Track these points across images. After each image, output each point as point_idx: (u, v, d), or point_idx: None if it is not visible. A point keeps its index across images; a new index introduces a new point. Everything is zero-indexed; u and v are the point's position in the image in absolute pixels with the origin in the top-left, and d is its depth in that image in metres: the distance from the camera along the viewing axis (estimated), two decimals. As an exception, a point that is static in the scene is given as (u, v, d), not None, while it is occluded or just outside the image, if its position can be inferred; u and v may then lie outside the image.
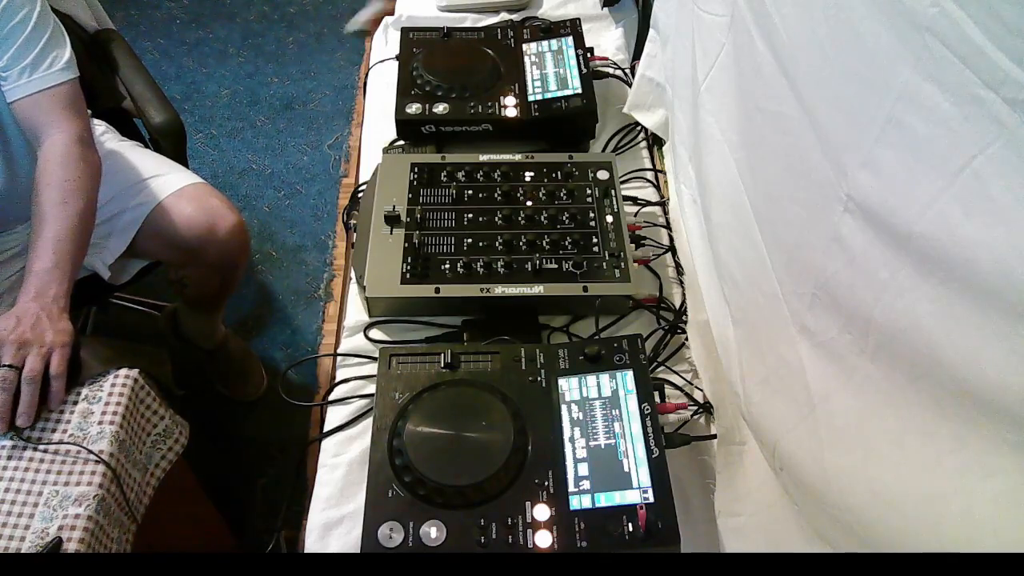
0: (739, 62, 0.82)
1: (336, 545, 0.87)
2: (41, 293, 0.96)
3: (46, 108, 1.08)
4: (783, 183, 0.72)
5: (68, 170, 1.05)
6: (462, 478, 0.82)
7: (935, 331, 0.50)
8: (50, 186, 1.04)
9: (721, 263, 0.91)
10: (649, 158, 1.32)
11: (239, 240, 1.28)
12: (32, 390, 0.89)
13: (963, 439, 0.49)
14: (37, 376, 0.90)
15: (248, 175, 2.22)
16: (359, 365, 1.03)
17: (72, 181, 1.05)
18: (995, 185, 0.44)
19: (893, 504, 0.56)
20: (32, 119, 1.08)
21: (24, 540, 0.82)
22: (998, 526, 0.46)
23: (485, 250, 1.05)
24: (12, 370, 0.89)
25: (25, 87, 1.07)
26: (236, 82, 2.50)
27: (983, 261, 0.45)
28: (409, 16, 1.54)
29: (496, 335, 1.01)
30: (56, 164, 1.05)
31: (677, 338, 1.06)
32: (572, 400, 0.89)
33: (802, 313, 0.68)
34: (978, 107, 0.44)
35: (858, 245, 0.58)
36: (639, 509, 0.78)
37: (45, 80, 1.08)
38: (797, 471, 0.71)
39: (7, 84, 1.07)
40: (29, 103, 1.08)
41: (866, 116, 0.55)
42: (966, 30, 0.44)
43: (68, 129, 1.08)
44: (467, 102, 1.25)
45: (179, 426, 1.05)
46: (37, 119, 1.08)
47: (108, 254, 1.24)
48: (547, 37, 1.37)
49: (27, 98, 1.07)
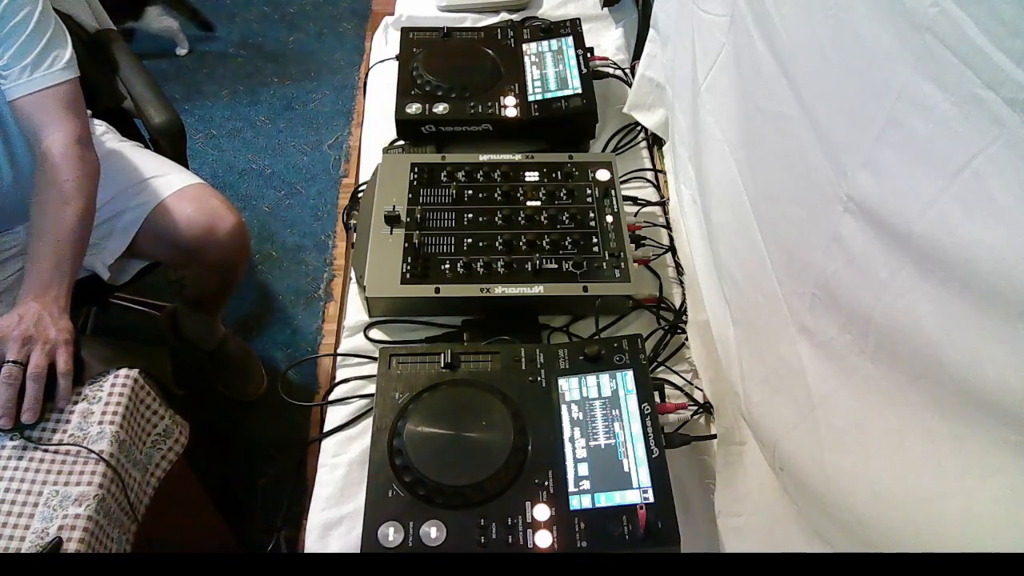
0: (739, 62, 0.82)
1: (336, 545, 0.87)
2: (42, 293, 0.96)
3: (46, 107, 1.08)
4: (783, 183, 0.72)
5: (68, 170, 1.05)
6: (462, 478, 0.82)
7: (935, 331, 0.50)
8: (50, 186, 1.04)
9: (721, 263, 0.91)
10: (649, 158, 1.32)
11: (239, 241, 1.28)
12: (38, 386, 0.90)
13: (963, 439, 0.49)
14: (42, 372, 0.90)
15: (248, 175, 2.22)
16: (359, 365, 1.03)
17: (72, 181, 1.05)
18: (995, 185, 0.44)
19: (893, 504, 0.56)
20: (32, 118, 1.08)
21: (24, 540, 0.82)
22: (998, 526, 0.47)
23: (485, 250, 1.05)
24: (17, 366, 0.89)
25: (26, 86, 1.07)
26: (236, 82, 2.50)
27: (983, 261, 0.45)
28: (409, 16, 1.54)
29: (496, 335, 1.01)
30: (56, 164, 1.05)
31: (677, 338, 1.06)
32: (572, 400, 0.89)
33: (802, 313, 0.68)
34: (978, 107, 0.44)
35: (858, 245, 0.58)
36: (639, 509, 0.78)
37: (46, 79, 1.08)
38: (797, 471, 0.71)
39: (7, 83, 1.07)
40: (29, 102, 1.07)
41: (866, 116, 0.55)
42: (966, 30, 0.44)
43: (68, 129, 1.08)
44: (467, 102, 1.25)
45: (179, 426, 1.05)
46: (37, 118, 1.08)
47: (108, 254, 1.24)
48: (547, 37, 1.37)
49: (27, 97, 1.07)
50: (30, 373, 0.89)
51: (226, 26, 2.69)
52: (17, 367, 0.89)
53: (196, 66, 2.54)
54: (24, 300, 0.95)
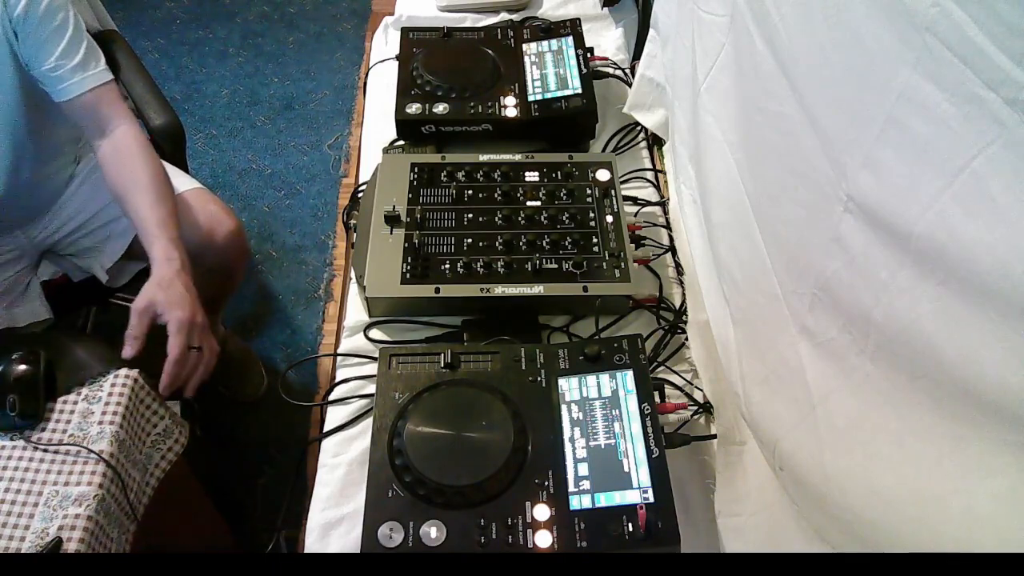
0: (739, 62, 0.82)
1: (336, 545, 0.87)
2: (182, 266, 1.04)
3: (110, 100, 1.12)
4: (783, 183, 0.72)
5: (153, 155, 1.12)
6: (462, 478, 0.82)
7: (935, 331, 0.50)
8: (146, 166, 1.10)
9: (721, 263, 0.91)
10: (649, 158, 1.32)
11: (237, 245, 1.27)
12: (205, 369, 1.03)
13: (963, 439, 0.49)
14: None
15: (248, 175, 2.22)
16: (359, 365, 1.03)
17: (159, 165, 1.12)
18: (995, 185, 0.44)
19: (893, 504, 0.56)
20: (97, 112, 1.11)
21: (24, 540, 0.83)
22: (998, 526, 0.46)
23: (485, 250, 1.05)
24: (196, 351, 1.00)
25: (85, 82, 1.09)
26: (236, 82, 2.50)
27: (983, 261, 0.45)
28: (409, 16, 1.54)
29: (496, 335, 1.01)
30: (141, 149, 1.11)
31: (677, 338, 1.06)
32: (572, 400, 0.89)
33: (802, 313, 0.68)
34: (978, 107, 0.44)
35: (858, 245, 0.58)
36: (639, 509, 0.78)
37: (100, 76, 1.11)
38: (797, 471, 0.71)
39: (64, 83, 1.08)
40: (92, 97, 1.10)
41: (866, 116, 0.55)
42: (966, 30, 0.44)
43: (133, 121, 1.14)
44: (467, 102, 1.25)
45: (179, 426, 1.05)
46: (103, 111, 1.11)
47: (106, 258, 1.24)
48: (547, 37, 1.37)
49: (90, 92, 1.10)
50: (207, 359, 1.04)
51: (226, 26, 2.69)
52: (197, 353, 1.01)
53: (196, 66, 2.54)
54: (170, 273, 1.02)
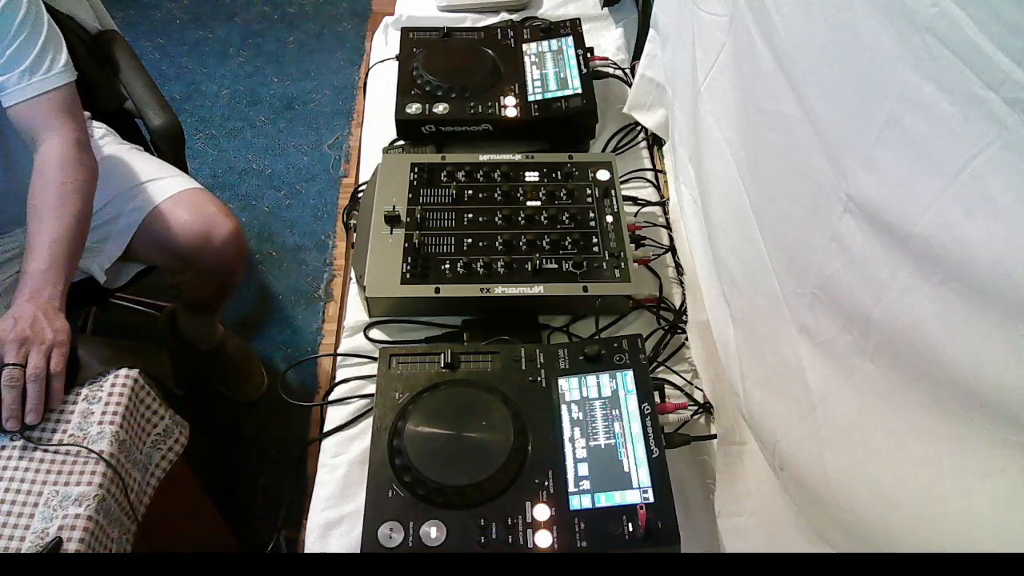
0: (739, 62, 0.82)
1: (336, 545, 0.87)
2: (36, 294, 0.96)
3: (43, 112, 1.07)
4: (783, 183, 0.72)
5: (65, 173, 1.05)
6: (462, 478, 0.82)
7: (935, 331, 0.50)
8: (47, 188, 1.04)
9: (721, 263, 0.91)
10: (649, 158, 1.32)
11: (235, 247, 1.27)
12: (38, 387, 0.90)
13: (963, 439, 0.49)
14: (42, 373, 0.90)
15: (248, 175, 2.22)
16: (359, 365, 1.03)
17: (68, 184, 1.05)
18: (995, 185, 0.44)
19: (893, 504, 0.56)
20: (29, 123, 1.08)
21: (24, 540, 0.82)
22: (998, 526, 0.46)
23: (485, 250, 1.05)
24: (17, 368, 0.89)
25: (23, 91, 1.06)
26: (236, 82, 2.50)
27: (983, 261, 0.45)
28: (409, 16, 1.54)
29: (496, 335, 1.01)
30: (53, 167, 1.05)
31: (677, 338, 1.06)
32: (572, 400, 0.89)
33: (802, 313, 0.68)
34: (978, 107, 0.44)
35: (858, 245, 0.58)
36: (639, 509, 0.78)
37: (44, 84, 1.07)
38: (797, 471, 0.71)
39: (5, 89, 1.06)
40: (26, 107, 1.07)
41: (866, 116, 0.55)
42: (966, 30, 0.44)
43: (65, 133, 1.08)
44: (467, 102, 1.25)
45: (179, 426, 1.05)
46: (34, 123, 1.07)
47: (105, 258, 1.24)
48: (547, 37, 1.37)
49: (25, 102, 1.07)
50: (29, 375, 0.89)
51: (226, 26, 2.69)
52: (18, 369, 0.89)
53: (196, 66, 2.54)
54: (19, 302, 0.95)
